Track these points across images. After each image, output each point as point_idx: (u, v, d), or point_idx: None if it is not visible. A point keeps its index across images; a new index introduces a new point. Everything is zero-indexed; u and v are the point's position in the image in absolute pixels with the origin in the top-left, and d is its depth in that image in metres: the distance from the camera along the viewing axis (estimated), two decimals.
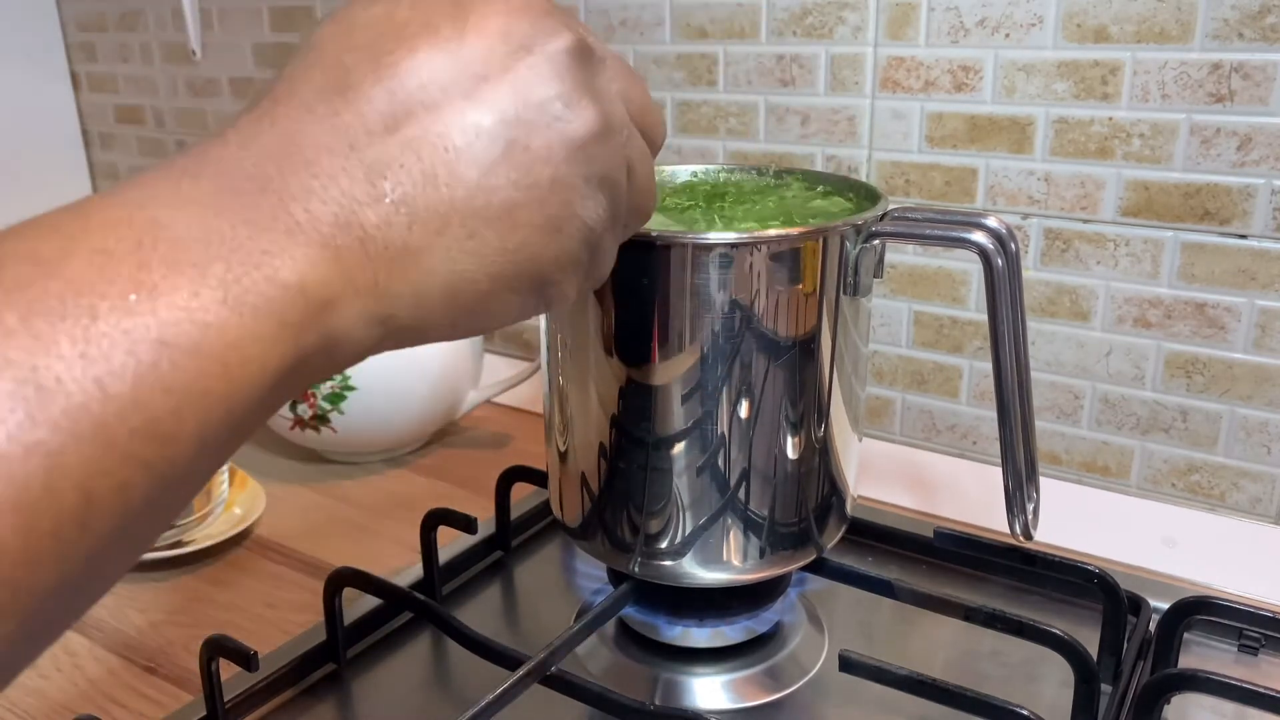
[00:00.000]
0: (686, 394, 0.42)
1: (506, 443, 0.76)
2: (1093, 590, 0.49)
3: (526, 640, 0.52)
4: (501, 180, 0.27)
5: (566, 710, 0.45)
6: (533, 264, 0.29)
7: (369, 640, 0.52)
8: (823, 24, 0.67)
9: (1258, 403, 0.59)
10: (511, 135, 0.27)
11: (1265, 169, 0.55)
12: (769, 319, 0.41)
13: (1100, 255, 0.61)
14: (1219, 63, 0.55)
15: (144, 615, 0.56)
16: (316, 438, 0.70)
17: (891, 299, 0.69)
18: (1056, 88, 0.60)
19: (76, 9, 1.15)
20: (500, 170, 0.27)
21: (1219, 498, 0.61)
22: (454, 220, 0.27)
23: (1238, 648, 0.50)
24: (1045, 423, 0.65)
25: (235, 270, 0.23)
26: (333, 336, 0.25)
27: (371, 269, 0.25)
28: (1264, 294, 0.57)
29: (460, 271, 0.27)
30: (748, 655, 0.49)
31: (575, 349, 0.44)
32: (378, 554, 0.61)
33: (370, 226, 0.25)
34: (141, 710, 0.48)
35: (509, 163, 0.27)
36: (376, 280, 0.26)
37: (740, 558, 0.45)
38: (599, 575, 0.55)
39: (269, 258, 0.23)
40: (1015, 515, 0.45)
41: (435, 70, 0.27)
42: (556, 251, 0.29)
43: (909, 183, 0.66)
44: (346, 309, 0.25)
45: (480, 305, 0.29)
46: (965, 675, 0.45)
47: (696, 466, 0.43)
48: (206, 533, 0.61)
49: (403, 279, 0.26)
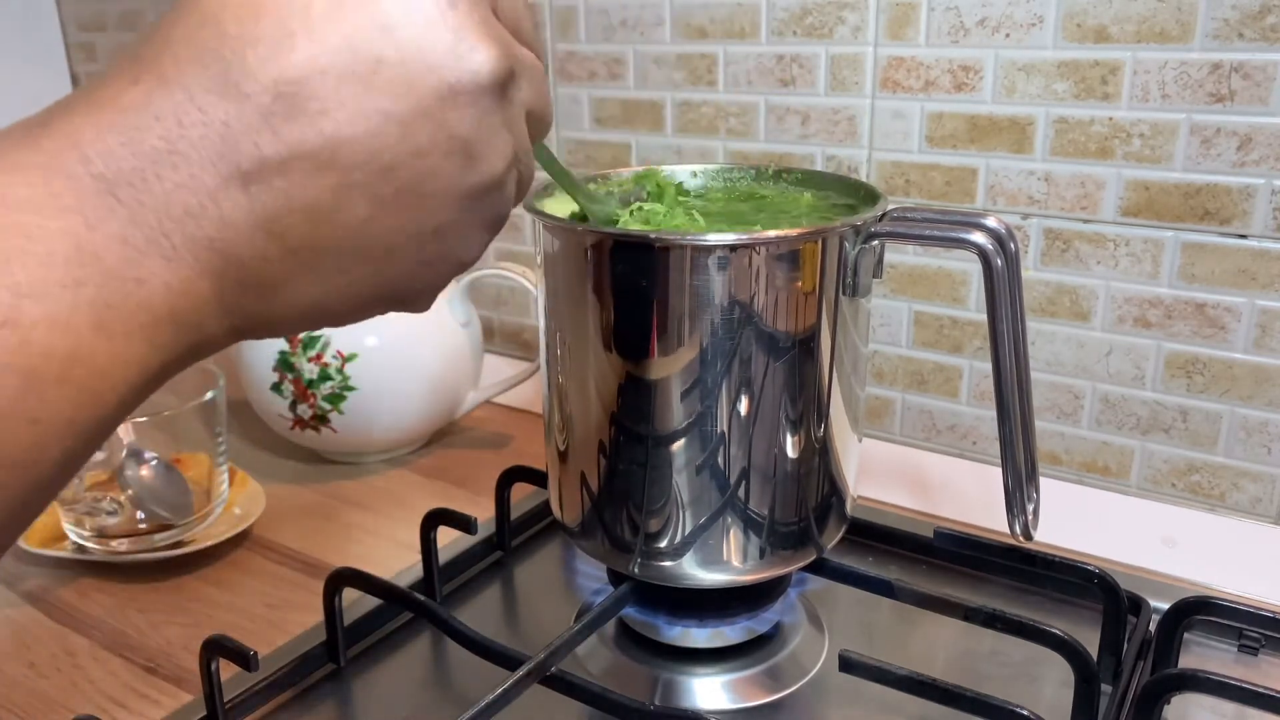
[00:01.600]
0: (686, 394, 0.42)
1: (506, 443, 0.76)
2: (1093, 590, 0.49)
3: (526, 640, 0.52)
4: (386, 226, 0.26)
5: (566, 710, 0.45)
6: (395, 294, 0.28)
7: (369, 640, 0.52)
8: (823, 24, 0.67)
9: (1258, 403, 0.59)
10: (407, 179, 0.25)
11: (1265, 169, 0.55)
12: (769, 319, 0.41)
13: (1100, 255, 0.61)
14: (1219, 63, 0.55)
15: (144, 615, 0.56)
16: (316, 438, 0.70)
17: (891, 299, 0.69)
18: (1057, 88, 0.60)
19: (76, 9, 1.15)
20: (388, 214, 0.26)
21: (1219, 498, 0.61)
22: (329, 258, 0.26)
23: (1238, 648, 0.50)
24: (1045, 423, 0.65)
25: (108, 296, 0.22)
26: (195, 349, 0.25)
27: (243, 296, 0.25)
28: (1264, 294, 0.57)
29: (323, 301, 0.27)
30: (748, 655, 0.49)
31: (575, 349, 0.44)
32: (378, 554, 0.61)
33: (247, 257, 0.24)
34: (141, 710, 0.48)
35: (399, 208, 0.26)
36: (246, 304, 0.25)
37: (740, 558, 0.45)
38: (599, 575, 0.55)
39: (143, 286, 0.23)
40: (1015, 515, 0.45)
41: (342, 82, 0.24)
42: (424, 285, 0.29)
43: (909, 183, 0.66)
44: (214, 326, 0.25)
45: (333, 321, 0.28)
46: (965, 675, 0.45)
47: (696, 467, 0.43)
48: (206, 533, 0.61)
49: (270, 304, 0.26)
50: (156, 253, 0.23)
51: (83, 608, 0.57)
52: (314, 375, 0.67)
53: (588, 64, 0.78)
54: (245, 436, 0.77)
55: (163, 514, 0.60)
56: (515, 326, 0.90)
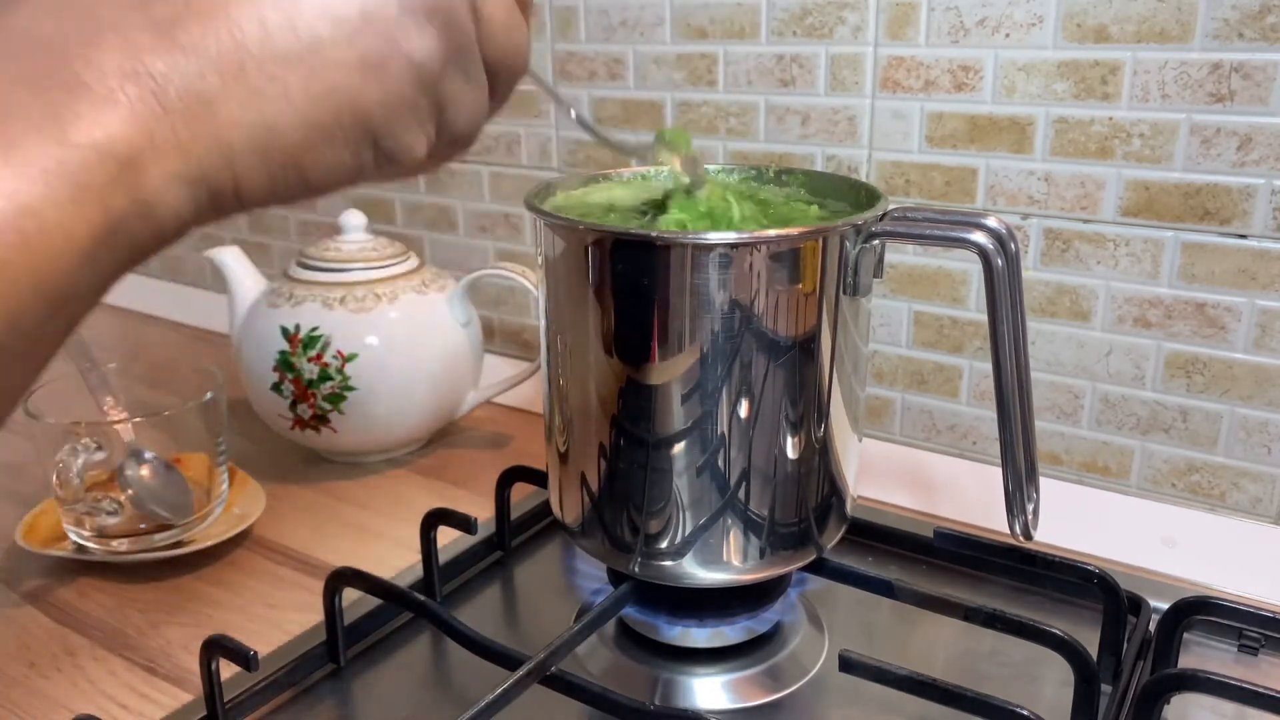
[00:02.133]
0: (686, 394, 0.42)
1: (506, 443, 0.76)
2: (1093, 590, 0.49)
3: (526, 640, 0.52)
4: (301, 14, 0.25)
5: (566, 710, 0.45)
6: (352, 109, 0.26)
7: (369, 640, 0.52)
8: (823, 24, 0.67)
9: (1258, 403, 0.59)
10: None
11: (1265, 169, 0.55)
12: (769, 319, 0.41)
13: (1100, 255, 0.61)
14: (1219, 63, 0.55)
15: (144, 615, 0.56)
16: (316, 438, 0.70)
17: (891, 299, 0.69)
18: (1056, 88, 0.60)
19: None
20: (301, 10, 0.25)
21: (1219, 498, 0.61)
22: (248, 63, 0.24)
23: (1238, 648, 0.50)
24: (1045, 423, 0.65)
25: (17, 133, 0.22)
26: (144, 200, 0.24)
27: (169, 122, 0.24)
28: (1264, 294, 0.57)
29: (266, 122, 0.25)
30: (748, 655, 0.49)
31: (575, 349, 0.44)
32: (378, 554, 0.61)
33: (159, 76, 0.23)
34: (141, 710, 0.48)
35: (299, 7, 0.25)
36: (176, 135, 0.24)
37: (740, 558, 0.45)
38: (599, 575, 0.55)
39: (53, 118, 0.22)
40: (1015, 515, 0.45)
41: None
42: (380, 94, 0.26)
43: (909, 183, 0.66)
44: (152, 169, 0.24)
45: (298, 159, 0.26)
46: (965, 675, 0.45)
47: (696, 466, 0.43)
48: (206, 533, 0.61)
49: (205, 133, 0.24)
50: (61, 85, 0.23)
51: (83, 608, 0.57)
52: (314, 375, 0.67)
53: (588, 64, 0.78)
54: (245, 436, 0.77)
55: (163, 514, 0.60)
56: (515, 326, 0.90)
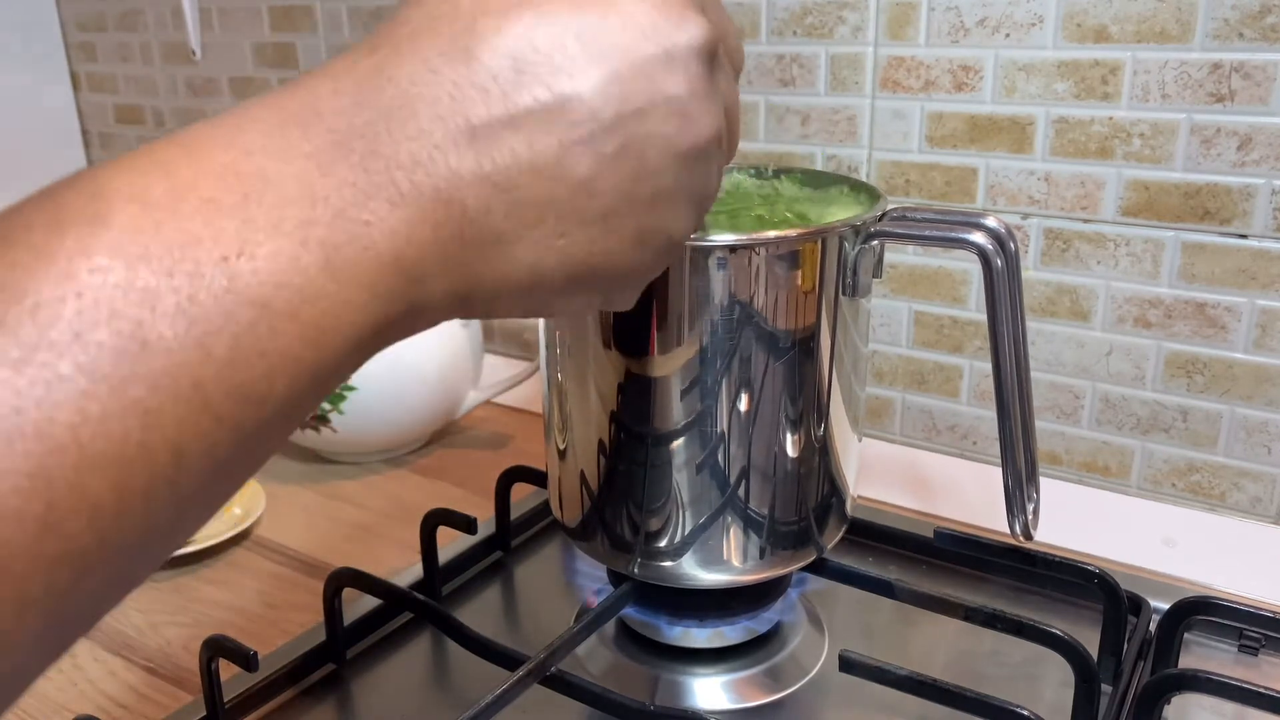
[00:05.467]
0: (686, 394, 0.42)
1: (506, 443, 0.76)
2: (1093, 590, 0.49)
3: (526, 640, 0.52)
4: (607, 185, 0.27)
5: (566, 710, 0.45)
6: (610, 271, 0.29)
7: (369, 640, 0.52)
8: (823, 24, 0.67)
9: (1258, 403, 0.59)
10: (628, 138, 0.27)
11: (1265, 169, 0.55)
12: (769, 319, 0.41)
13: (1100, 255, 0.61)
14: (1219, 62, 0.55)
15: (144, 615, 0.56)
16: (316, 438, 0.70)
17: (891, 299, 0.69)
18: (1056, 87, 0.60)
19: (76, 9, 1.15)
20: (609, 172, 0.27)
21: (1219, 498, 0.61)
22: (550, 217, 0.26)
23: (1238, 648, 0.50)
24: (1045, 423, 0.65)
25: (336, 237, 0.23)
26: (416, 306, 0.25)
27: (464, 251, 0.25)
28: (1264, 294, 0.57)
29: (543, 268, 0.27)
30: (748, 655, 0.49)
31: (575, 349, 0.44)
32: (378, 554, 0.61)
33: (471, 209, 0.25)
34: (141, 710, 0.48)
35: (619, 168, 0.27)
36: (466, 261, 0.26)
37: (740, 558, 0.45)
38: (599, 575, 0.55)
39: (370, 228, 0.23)
40: (1015, 515, 0.45)
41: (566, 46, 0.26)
42: (636, 263, 0.29)
43: (909, 183, 0.66)
44: (435, 284, 0.25)
45: (550, 299, 0.29)
46: (965, 675, 0.45)
47: (696, 467, 0.43)
48: (206, 533, 0.61)
49: (490, 265, 0.26)
50: (384, 197, 0.24)
51: None
52: None
53: None
54: None
55: None
56: (515, 326, 0.90)
